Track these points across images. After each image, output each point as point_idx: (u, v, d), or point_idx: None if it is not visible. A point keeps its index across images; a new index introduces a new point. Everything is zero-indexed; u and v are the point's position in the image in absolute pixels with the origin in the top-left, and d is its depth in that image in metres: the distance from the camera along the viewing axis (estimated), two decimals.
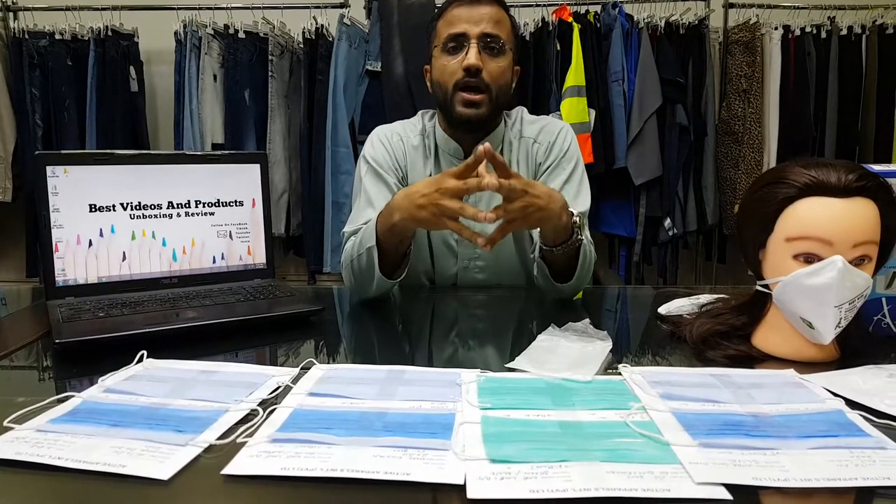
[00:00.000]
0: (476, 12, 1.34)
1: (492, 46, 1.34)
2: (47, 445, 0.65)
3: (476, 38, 1.33)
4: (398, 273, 1.29)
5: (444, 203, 1.07)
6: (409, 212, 1.13)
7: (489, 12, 1.34)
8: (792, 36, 3.32)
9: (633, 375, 0.85)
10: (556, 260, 1.26)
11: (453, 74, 1.35)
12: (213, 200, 1.30)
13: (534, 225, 1.15)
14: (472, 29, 1.33)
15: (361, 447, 0.64)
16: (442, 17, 1.39)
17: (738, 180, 3.38)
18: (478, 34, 1.33)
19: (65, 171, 1.18)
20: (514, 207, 1.06)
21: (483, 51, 1.33)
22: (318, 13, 3.37)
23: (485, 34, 1.33)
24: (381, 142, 1.48)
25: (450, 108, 1.36)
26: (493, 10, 1.35)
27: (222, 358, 0.96)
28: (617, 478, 0.58)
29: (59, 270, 1.18)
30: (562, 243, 1.22)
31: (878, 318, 1.01)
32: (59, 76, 3.36)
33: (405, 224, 1.17)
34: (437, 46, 1.39)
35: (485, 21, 1.34)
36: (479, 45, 1.33)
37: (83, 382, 0.86)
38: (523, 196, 1.06)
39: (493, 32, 1.34)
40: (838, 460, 0.61)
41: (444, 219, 1.09)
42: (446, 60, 1.36)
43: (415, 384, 0.83)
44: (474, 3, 1.35)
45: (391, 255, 1.25)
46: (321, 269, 3.35)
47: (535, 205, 1.08)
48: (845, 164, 0.86)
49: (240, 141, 3.35)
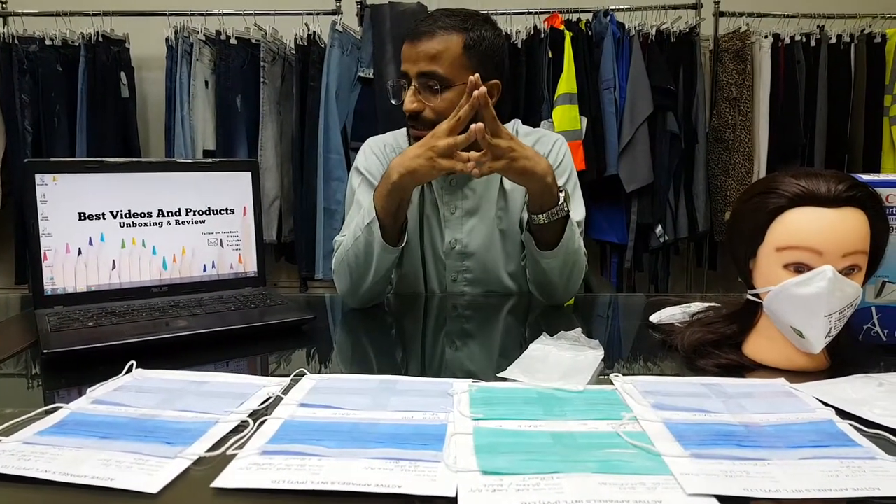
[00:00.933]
0: (414, 50, 1.31)
1: (429, 86, 1.31)
2: (34, 458, 0.64)
3: (415, 77, 1.31)
4: (399, 242, 1.30)
5: (437, 144, 1.15)
6: (404, 166, 1.19)
7: (426, 48, 1.29)
8: (782, 44, 3.34)
9: (625, 385, 0.85)
10: (542, 232, 1.27)
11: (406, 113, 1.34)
12: (203, 208, 1.30)
13: (518, 172, 1.19)
14: (412, 68, 1.31)
15: (352, 459, 0.64)
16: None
17: (728, 187, 3.40)
18: (416, 73, 1.31)
19: (54, 179, 1.17)
20: (499, 144, 1.14)
21: (423, 90, 1.31)
22: (311, 20, 3.37)
23: (420, 73, 1.30)
24: (375, 153, 1.48)
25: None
26: (430, 45, 1.30)
27: (213, 368, 0.95)
28: (609, 489, 0.58)
29: (47, 279, 1.17)
30: (549, 209, 1.23)
31: (867, 327, 1.02)
32: (49, 82, 3.33)
33: (403, 181, 1.20)
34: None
35: (421, 59, 1.30)
36: (416, 86, 1.31)
37: (71, 393, 0.85)
38: (510, 152, 1.15)
39: (428, 70, 1.29)
40: (829, 471, 0.61)
41: (439, 160, 1.16)
42: (403, 96, 1.34)
43: (407, 394, 0.82)
44: (415, 39, 1.31)
45: (389, 229, 1.26)
46: (313, 276, 3.34)
47: (520, 154, 1.16)
48: (835, 174, 0.86)
49: (231, 147, 3.34)
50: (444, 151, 1.15)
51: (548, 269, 1.30)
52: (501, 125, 1.15)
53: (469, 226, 1.44)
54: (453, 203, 1.44)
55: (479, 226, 1.44)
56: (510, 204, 1.44)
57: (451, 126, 1.15)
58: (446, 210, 1.44)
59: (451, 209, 1.44)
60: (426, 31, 1.31)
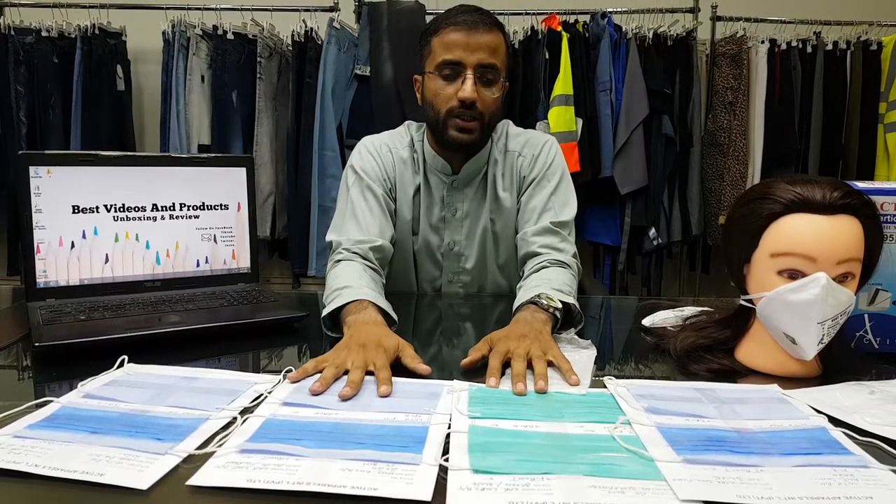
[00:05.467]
0: (473, 40, 1.28)
1: (487, 77, 1.30)
2: (24, 452, 0.64)
3: (472, 68, 1.28)
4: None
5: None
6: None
7: (487, 41, 1.29)
8: (778, 50, 3.35)
9: (618, 388, 0.85)
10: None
11: (448, 101, 1.31)
12: (198, 203, 1.29)
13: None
14: (469, 58, 1.28)
15: (330, 460, 0.64)
16: (437, 34, 1.32)
17: (722, 191, 3.41)
18: (474, 64, 1.28)
19: (48, 172, 1.17)
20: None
21: (478, 81, 1.29)
22: (308, 16, 3.36)
23: (481, 65, 1.29)
24: (370, 153, 1.46)
25: (442, 130, 1.33)
26: (490, 38, 1.29)
27: (204, 364, 0.95)
28: (598, 492, 0.58)
29: (40, 272, 1.16)
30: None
31: (860, 334, 1.02)
32: (44, 73, 3.32)
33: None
34: (431, 71, 1.33)
35: (482, 50, 1.28)
36: (474, 76, 1.29)
37: (62, 387, 0.84)
38: (506, 353, 0.95)
39: (488, 62, 1.29)
40: (821, 478, 0.61)
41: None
42: (441, 85, 1.31)
43: (392, 395, 0.82)
44: (472, 29, 1.29)
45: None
46: (306, 273, 3.33)
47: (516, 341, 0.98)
48: (830, 181, 0.87)
49: (226, 142, 3.33)
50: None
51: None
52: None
53: (467, 228, 1.44)
54: (453, 205, 1.44)
55: (476, 228, 1.44)
56: (502, 207, 1.43)
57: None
58: (447, 212, 1.44)
59: (452, 211, 1.44)
60: (483, 22, 1.30)
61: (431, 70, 1.33)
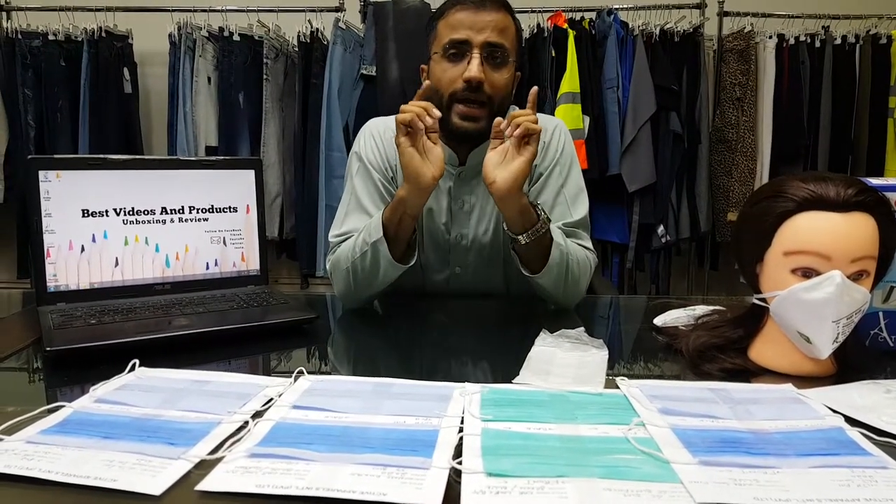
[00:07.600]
0: (480, 18, 1.26)
1: (495, 56, 1.27)
2: (37, 458, 0.64)
3: (479, 47, 1.25)
4: (407, 259, 1.26)
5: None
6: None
7: (494, 19, 1.26)
8: (786, 45, 3.34)
9: (631, 389, 0.84)
10: (528, 251, 1.24)
11: (452, 83, 1.28)
12: (206, 206, 1.29)
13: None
14: (476, 37, 1.25)
15: (340, 464, 0.63)
16: (443, 17, 1.30)
17: (731, 188, 3.40)
18: (481, 43, 1.25)
19: (57, 176, 1.17)
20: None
21: (486, 61, 1.26)
22: (314, 17, 3.36)
23: (488, 43, 1.26)
24: (374, 136, 1.43)
25: (446, 118, 1.29)
26: (498, 17, 1.27)
27: (215, 367, 0.95)
28: (613, 495, 0.58)
29: (50, 276, 1.16)
30: (530, 229, 1.21)
31: (874, 332, 1.01)
32: (52, 77, 3.33)
33: (408, 194, 1.20)
34: (436, 52, 1.31)
35: (489, 29, 1.25)
36: (481, 55, 1.26)
37: (74, 391, 0.85)
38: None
39: (497, 41, 1.26)
40: (840, 480, 0.61)
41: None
42: (446, 67, 1.29)
43: (401, 398, 0.81)
44: (479, 8, 1.27)
45: (394, 242, 1.23)
46: (314, 273, 3.35)
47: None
48: (844, 178, 0.86)
49: (234, 144, 3.33)
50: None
51: (540, 286, 1.28)
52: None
53: (474, 220, 1.42)
54: (461, 197, 1.42)
55: (483, 221, 1.42)
56: None
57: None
58: (454, 204, 1.42)
59: (459, 203, 1.42)
60: (491, 1, 1.28)
61: (437, 51, 1.31)
